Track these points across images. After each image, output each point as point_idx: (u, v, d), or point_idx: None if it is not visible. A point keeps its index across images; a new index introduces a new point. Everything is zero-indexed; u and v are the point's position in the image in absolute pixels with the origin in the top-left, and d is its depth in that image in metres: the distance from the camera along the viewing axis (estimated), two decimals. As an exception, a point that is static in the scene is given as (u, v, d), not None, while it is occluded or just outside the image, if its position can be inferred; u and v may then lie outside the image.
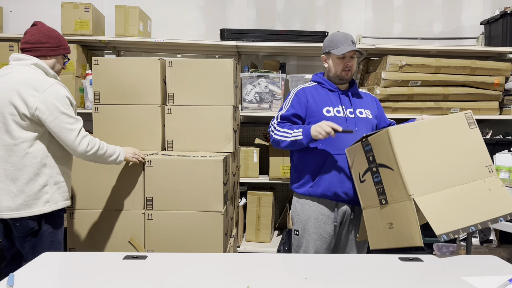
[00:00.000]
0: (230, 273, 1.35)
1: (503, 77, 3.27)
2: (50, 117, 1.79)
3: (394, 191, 1.65)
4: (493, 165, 1.70)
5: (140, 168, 2.18)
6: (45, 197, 1.85)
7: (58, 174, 1.89)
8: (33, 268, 1.34)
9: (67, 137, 1.82)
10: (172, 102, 2.43)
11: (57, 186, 1.89)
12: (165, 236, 2.17)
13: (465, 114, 1.71)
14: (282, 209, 3.64)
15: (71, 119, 1.83)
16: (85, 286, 1.20)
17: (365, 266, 1.40)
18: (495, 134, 3.45)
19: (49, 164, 1.86)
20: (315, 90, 2.06)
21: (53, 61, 1.95)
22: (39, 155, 1.83)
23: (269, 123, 2.06)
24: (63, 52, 1.98)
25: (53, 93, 1.81)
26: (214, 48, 3.47)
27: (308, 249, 2.03)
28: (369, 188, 1.79)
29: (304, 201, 2.04)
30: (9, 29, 3.50)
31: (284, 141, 1.94)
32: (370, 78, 3.32)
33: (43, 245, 1.88)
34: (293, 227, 2.11)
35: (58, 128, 1.81)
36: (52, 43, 1.92)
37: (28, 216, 1.83)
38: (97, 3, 3.40)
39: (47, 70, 1.90)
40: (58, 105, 1.80)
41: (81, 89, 3.20)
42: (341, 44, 1.99)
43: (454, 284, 1.24)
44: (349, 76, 2.04)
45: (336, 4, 3.67)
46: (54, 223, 1.91)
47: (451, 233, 1.48)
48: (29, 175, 1.82)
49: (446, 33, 3.68)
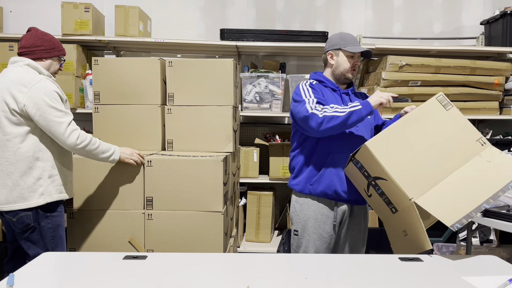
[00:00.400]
0: (230, 273, 1.35)
1: (503, 77, 3.27)
2: (38, 111, 1.84)
3: (397, 199, 1.64)
4: (483, 137, 1.66)
5: (140, 168, 2.18)
6: (40, 190, 1.90)
7: (52, 168, 1.94)
8: (33, 268, 1.34)
9: (56, 130, 1.87)
10: (172, 102, 2.43)
11: (51, 179, 1.93)
12: (165, 236, 2.17)
13: (436, 98, 1.68)
14: (282, 209, 3.64)
15: (59, 113, 1.88)
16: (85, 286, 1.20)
17: (365, 266, 1.40)
18: (495, 134, 3.45)
19: (42, 157, 1.91)
20: (320, 88, 2.03)
21: (48, 62, 2.02)
22: (31, 149, 1.89)
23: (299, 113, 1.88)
24: (57, 53, 2.05)
25: (41, 88, 1.87)
26: (214, 48, 3.47)
27: (308, 249, 2.02)
28: (378, 201, 1.77)
29: (304, 201, 2.04)
30: (9, 29, 3.50)
31: (339, 117, 1.80)
32: (370, 78, 3.32)
33: (44, 241, 1.92)
34: (292, 227, 2.11)
35: (47, 121, 1.85)
36: (46, 46, 2.00)
37: (24, 209, 1.87)
38: (97, 3, 3.40)
39: (40, 70, 1.96)
40: (46, 99, 1.85)
41: (81, 89, 3.20)
42: (352, 43, 2.01)
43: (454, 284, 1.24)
44: (353, 76, 2.06)
45: (336, 4, 3.67)
46: (52, 218, 1.95)
47: (463, 218, 1.46)
48: (23, 169, 1.87)
49: (446, 33, 3.68)
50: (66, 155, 2.03)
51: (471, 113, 3.27)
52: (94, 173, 2.17)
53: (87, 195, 2.19)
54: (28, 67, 1.94)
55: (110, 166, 2.14)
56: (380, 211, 1.82)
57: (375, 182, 1.71)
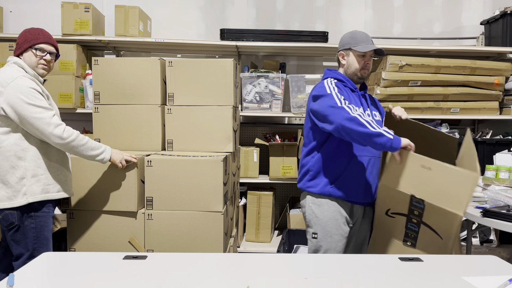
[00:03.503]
0: (230, 273, 1.35)
1: (503, 77, 3.26)
2: (17, 110, 1.82)
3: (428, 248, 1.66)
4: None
5: (140, 168, 2.18)
6: (23, 190, 1.88)
7: (36, 167, 1.90)
8: (33, 268, 1.34)
9: (39, 126, 1.84)
10: (172, 102, 2.43)
11: (35, 178, 1.90)
12: (165, 236, 2.17)
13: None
14: (282, 209, 3.64)
15: (38, 109, 1.84)
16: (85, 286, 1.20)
17: (365, 266, 1.40)
18: (495, 134, 3.45)
19: (24, 157, 1.88)
20: (341, 87, 1.97)
21: (26, 57, 1.97)
22: (13, 149, 1.87)
23: (325, 105, 1.84)
24: (27, 45, 1.96)
25: (16, 87, 1.84)
26: (214, 48, 3.47)
27: (329, 251, 1.95)
28: (396, 225, 1.77)
29: (322, 202, 1.97)
30: (9, 29, 3.50)
31: (368, 128, 1.72)
32: (370, 78, 3.32)
33: (26, 240, 1.89)
34: (310, 230, 2.02)
35: (26, 119, 1.83)
36: (19, 41, 1.98)
37: (8, 208, 1.86)
38: (97, 3, 3.40)
39: (24, 66, 1.95)
40: (21, 96, 1.83)
41: (81, 89, 3.19)
42: (363, 42, 1.97)
43: (454, 284, 1.24)
44: (366, 75, 2.02)
45: (336, 4, 3.66)
46: (37, 218, 1.91)
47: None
48: (5, 168, 1.86)
49: (446, 33, 3.68)
50: (57, 153, 1.98)
51: (471, 113, 3.27)
52: (94, 173, 2.17)
53: (86, 195, 2.19)
54: (15, 65, 1.94)
55: (110, 166, 2.14)
56: (383, 229, 1.90)
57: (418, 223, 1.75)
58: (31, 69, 1.96)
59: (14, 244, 1.90)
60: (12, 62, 1.95)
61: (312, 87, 3.18)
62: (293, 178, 3.20)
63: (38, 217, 1.92)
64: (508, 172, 2.37)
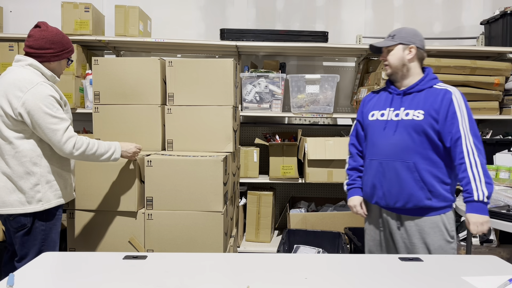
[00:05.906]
0: (230, 273, 1.35)
1: (503, 77, 3.26)
2: (33, 118, 1.80)
3: None
4: None
5: (140, 168, 2.18)
6: (38, 196, 1.86)
7: (49, 173, 1.90)
8: (33, 268, 1.34)
9: (52, 137, 1.82)
10: (172, 102, 2.43)
11: (49, 185, 1.90)
12: (165, 236, 2.17)
13: None
14: (282, 209, 3.64)
15: (54, 119, 1.82)
16: (85, 286, 1.20)
17: (365, 266, 1.40)
18: (495, 134, 3.45)
19: (40, 163, 1.87)
20: (377, 94, 2.03)
21: (55, 64, 1.95)
22: (29, 154, 1.85)
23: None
24: (66, 56, 1.98)
25: (36, 93, 1.80)
26: (214, 48, 3.47)
27: (364, 248, 2.02)
28: None
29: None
30: (9, 29, 3.50)
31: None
32: (370, 78, 3.32)
33: (34, 242, 1.89)
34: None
35: (42, 128, 1.81)
36: (56, 49, 1.92)
37: (22, 214, 1.85)
38: (97, 3, 3.40)
39: (43, 71, 1.90)
40: (41, 105, 1.80)
41: (81, 89, 3.20)
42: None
43: (454, 284, 1.24)
44: (388, 72, 1.95)
45: (336, 4, 3.66)
46: (47, 221, 1.92)
47: None
48: (20, 174, 1.84)
49: (446, 33, 3.68)
50: (63, 159, 1.98)
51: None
52: (94, 174, 2.17)
53: (87, 195, 2.19)
54: (30, 67, 1.88)
55: (110, 166, 2.14)
56: None
57: None
58: (53, 74, 1.93)
59: (21, 246, 1.90)
60: (27, 64, 1.88)
61: (312, 87, 3.19)
62: (293, 178, 3.20)
63: (49, 220, 1.93)
64: (508, 172, 2.38)
